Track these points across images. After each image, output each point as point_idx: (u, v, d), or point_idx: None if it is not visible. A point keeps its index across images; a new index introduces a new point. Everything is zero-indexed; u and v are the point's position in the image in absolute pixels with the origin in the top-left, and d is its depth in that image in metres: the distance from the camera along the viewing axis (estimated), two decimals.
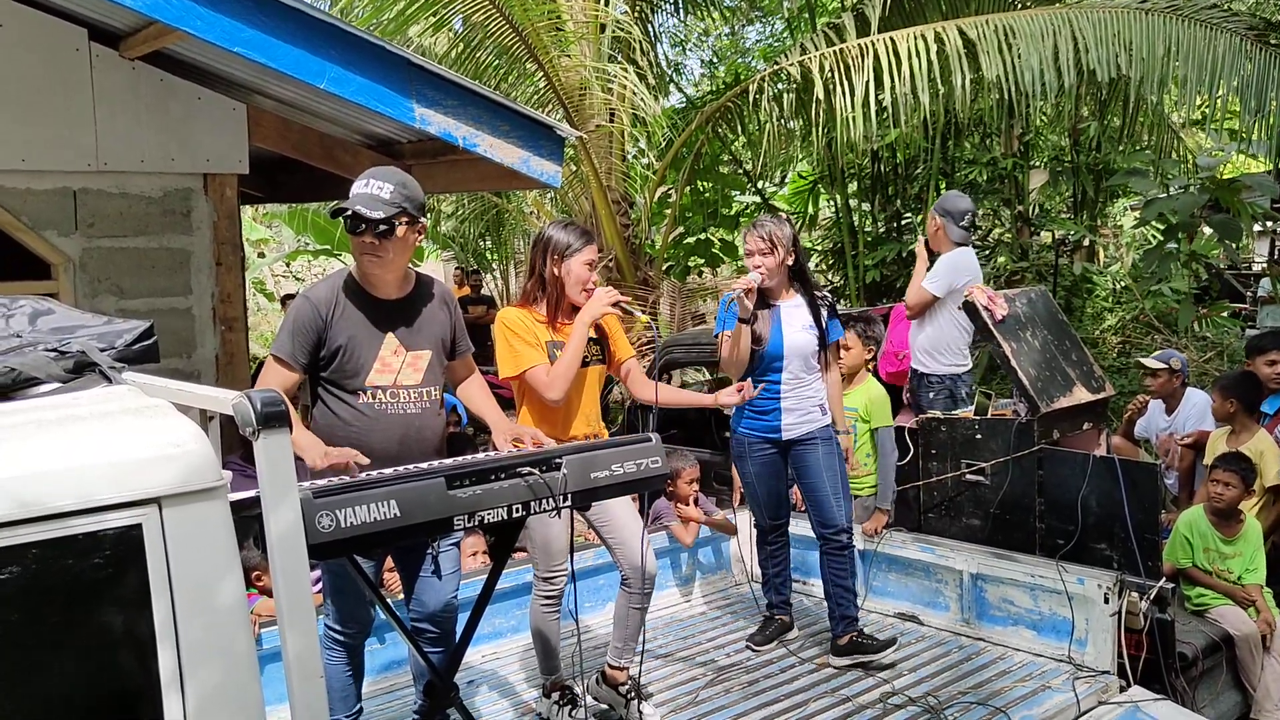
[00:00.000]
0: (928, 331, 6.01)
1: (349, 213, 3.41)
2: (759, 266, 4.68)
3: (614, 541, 4.16)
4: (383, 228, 3.42)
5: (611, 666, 4.27)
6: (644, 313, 4.54)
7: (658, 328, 5.63)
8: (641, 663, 4.20)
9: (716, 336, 4.84)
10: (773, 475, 4.94)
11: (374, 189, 3.45)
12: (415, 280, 3.71)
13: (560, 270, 4.08)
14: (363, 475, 2.92)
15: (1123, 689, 4.38)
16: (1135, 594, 4.40)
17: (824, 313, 4.82)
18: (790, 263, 4.76)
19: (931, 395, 5.92)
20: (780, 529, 5.11)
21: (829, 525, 4.78)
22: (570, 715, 4.14)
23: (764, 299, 4.75)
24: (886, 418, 5.67)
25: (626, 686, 4.23)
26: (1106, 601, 4.43)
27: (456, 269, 17.50)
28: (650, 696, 4.32)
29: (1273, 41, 8.70)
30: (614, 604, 4.28)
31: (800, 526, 5.66)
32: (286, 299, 16.84)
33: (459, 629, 3.54)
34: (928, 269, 6.10)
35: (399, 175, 3.54)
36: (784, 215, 4.83)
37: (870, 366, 6.07)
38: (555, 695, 4.21)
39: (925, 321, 6.02)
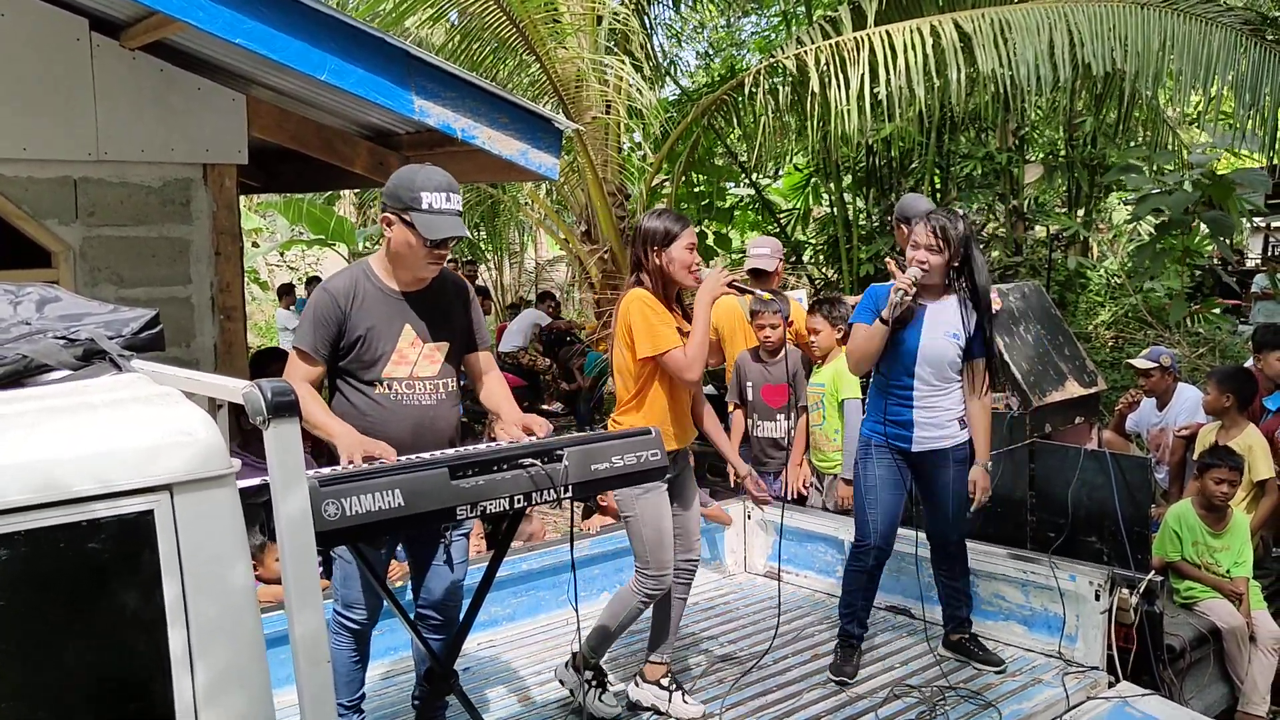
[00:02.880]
0: None
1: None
2: (924, 263, 4.30)
3: (680, 531, 4.17)
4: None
5: (653, 662, 4.27)
6: (764, 293, 4.62)
7: (781, 303, 5.58)
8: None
9: (851, 325, 4.56)
10: (897, 486, 4.50)
11: (455, 204, 3.49)
12: None
13: (663, 259, 4.07)
14: (364, 464, 2.96)
15: (1111, 684, 4.42)
16: (1125, 589, 4.45)
17: (972, 322, 4.42)
18: (956, 265, 4.40)
19: None
20: (889, 553, 4.62)
21: (942, 539, 4.66)
22: (600, 699, 4.14)
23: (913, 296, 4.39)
24: (854, 389, 5.73)
25: (667, 679, 4.23)
26: (1097, 598, 4.47)
27: (449, 260, 17.51)
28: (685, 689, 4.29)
29: (1268, 36, 8.75)
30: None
31: (794, 519, 5.73)
32: (284, 289, 16.86)
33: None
34: None
35: (453, 179, 3.55)
36: (960, 212, 4.63)
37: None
38: (588, 673, 4.16)
39: None
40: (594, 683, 4.19)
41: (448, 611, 3.79)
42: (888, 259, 6.41)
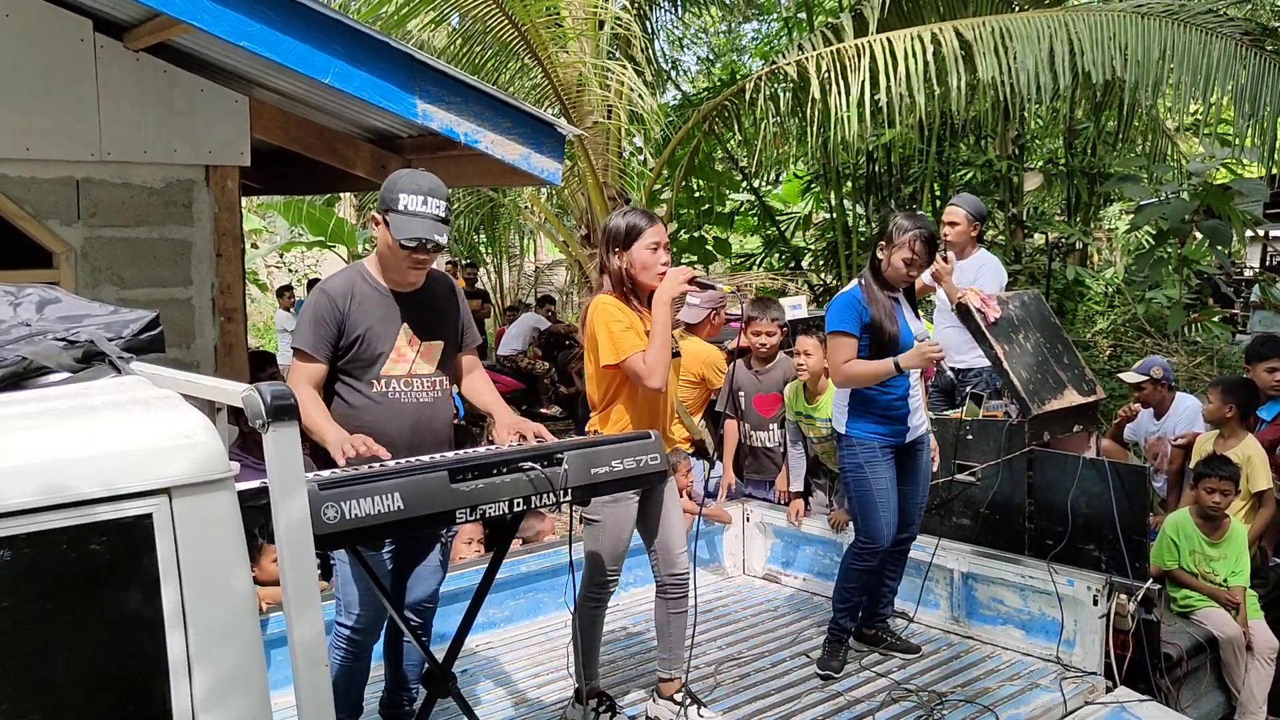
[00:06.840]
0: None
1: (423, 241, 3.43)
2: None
3: (660, 545, 4.07)
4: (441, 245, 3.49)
5: (662, 679, 4.19)
6: (726, 285, 4.52)
7: (742, 296, 5.46)
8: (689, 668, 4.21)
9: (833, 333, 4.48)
10: (895, 485, 4.57)
11: (434, 208, 3.46)
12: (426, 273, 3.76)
13: (624, 260, 3.95)
14: (365, 467, 2.96)
15: (1109, 689, 4.43)
16: (1123, 596, 4.46)
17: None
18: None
19: (970, 389, 6.00)
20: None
21: (910, 530, 4.72)
22: None
23: (882, 288, 4.52)
24: None
25: (680, 695, 4.12)
26: (1095, 603, 4.49)
27: (448, 262, 17.49)
28: (704, 704, 4.20)
29: (1268, 47, 8.76)
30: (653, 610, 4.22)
31: (775, 517, 5.73)
32: (283, 290, 16.86)
33: (450, 620, 3.58)
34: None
35: (441, 184, 3.53)
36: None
37: None
38: (593, 701, 4.08)
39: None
40: (602, 709, 4.12)
41: (424, 614, 3.82)
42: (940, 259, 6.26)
